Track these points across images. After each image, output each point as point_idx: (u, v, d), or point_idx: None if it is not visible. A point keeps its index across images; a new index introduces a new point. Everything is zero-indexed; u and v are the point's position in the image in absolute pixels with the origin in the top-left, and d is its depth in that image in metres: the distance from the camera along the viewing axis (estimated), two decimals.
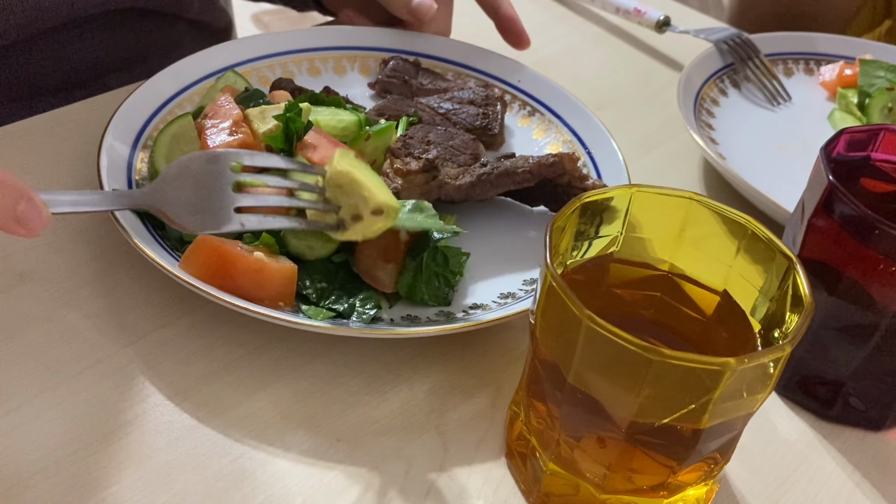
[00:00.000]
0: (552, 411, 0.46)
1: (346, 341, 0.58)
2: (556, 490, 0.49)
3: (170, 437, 0.51)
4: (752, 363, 0.39)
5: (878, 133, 0.56)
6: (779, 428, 0.57)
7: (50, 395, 0.52)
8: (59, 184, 0.67)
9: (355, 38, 0.83)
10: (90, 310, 0.58)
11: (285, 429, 0.53)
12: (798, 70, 0.94)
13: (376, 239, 0.57)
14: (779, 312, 0.45)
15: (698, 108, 0.84)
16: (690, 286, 0.50)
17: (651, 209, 0.49)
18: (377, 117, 0.73)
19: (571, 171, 0.66)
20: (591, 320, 0.40)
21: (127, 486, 0.48)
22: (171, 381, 0.54)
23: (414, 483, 0.51)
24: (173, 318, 0.58)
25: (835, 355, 0.55)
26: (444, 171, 0.66)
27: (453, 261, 0.60)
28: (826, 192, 0.51)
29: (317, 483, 0.50)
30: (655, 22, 0.97)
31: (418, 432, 0.54)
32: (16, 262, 0.61)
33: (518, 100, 0.80)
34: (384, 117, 0.74)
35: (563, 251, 0.48)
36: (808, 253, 0.53)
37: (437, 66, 0.83)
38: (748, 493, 0.53)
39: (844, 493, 0.54)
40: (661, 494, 0.47)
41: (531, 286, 0.62)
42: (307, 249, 0.60)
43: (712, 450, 0.45)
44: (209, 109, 0.66)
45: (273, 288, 0.56)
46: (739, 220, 0.47)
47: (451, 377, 0.57)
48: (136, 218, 0.60)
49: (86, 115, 0.75)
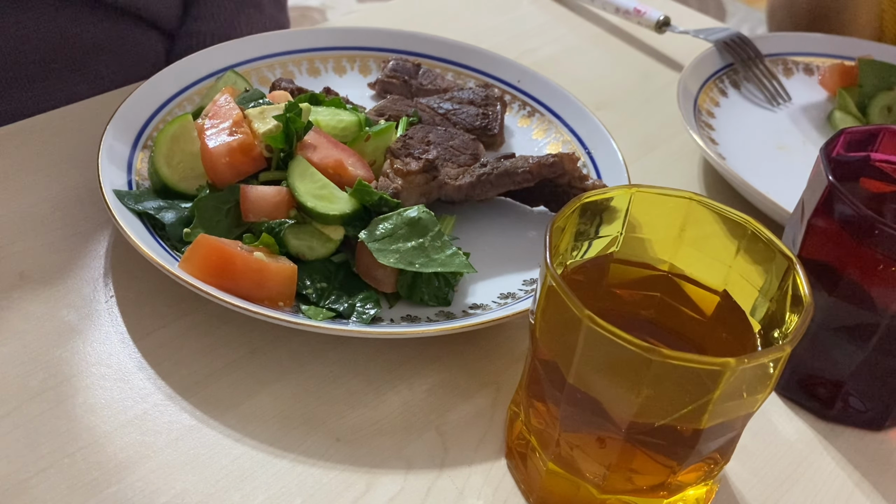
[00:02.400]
0: (552, 411, 0.46)
1: (346, 341, 0.58)
2: (556, 490, 0.49)
3: (170, 437, 0.51)
4: (752, 363, 0.39)
5: (878, 133, 0.56)
6: (779, 428, 0.57)
7: (50, 395, 0.52)
8: (59, 183, 0.67)
9: (355, 38, 0.84)
10: (90, 310, 0.58)
11: (285, 429, 0.53)
12: (798, 70, 0.94)
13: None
14: (779, 312, 0.45)
15: (698, 109, 0.84)
16: (690, 286, 0.50)
17: (651, 209, 0.49)
18: (377, 117, 0.73)
19: (571, 171, 0.66)
20: (591, 320, 0.40)
21: (127, 486, 0.48)
22: (171, 381, 0.54)
23: (414, 483, 0.51)
24: (173, 318, 0.58)
25: (835, 355, 0.55)
26: (444, 172, 0.66)
27: None
28: (826, 192, 0.51)
29: (317, 483, 0.50)
30: (655, 22, 0.97)
31: (418, 432, 0.54)
32: (16, 262, 0.61)
33: (518, 100, 0.80)
34: (384, 117, 0.74)
35: (563, 251, 0.48)
36: (808, 253, 0.53)
37: (437, 66, 0.83)
38: (748, 493, 0.53)
39: (844, 493, 0.54)
40: (661, 494, 0.47)
41: (531, 286, 0.62)
42: (307, 249, 0.60)
43: (712, 450, 0.45)
44: (209, 109, 0.66)
45: (273, 288, 0.56)
46: (739, 220, 0.47)
47: (451, 377, 0.57)
48: (136, 218, 0.60)
49: (86, 115, 0.75)
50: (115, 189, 0.61)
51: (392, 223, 0.59)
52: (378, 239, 0.58)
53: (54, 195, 0.66)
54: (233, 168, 0.62)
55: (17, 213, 0.64)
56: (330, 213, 0.60)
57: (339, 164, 0.63)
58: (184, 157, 0.64)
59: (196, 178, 0.64)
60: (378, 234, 0.58)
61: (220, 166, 0.62)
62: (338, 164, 0.63)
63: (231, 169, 0.62)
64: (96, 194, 0.64)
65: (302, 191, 0.61)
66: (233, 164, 0.62)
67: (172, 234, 0.60)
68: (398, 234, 0.58)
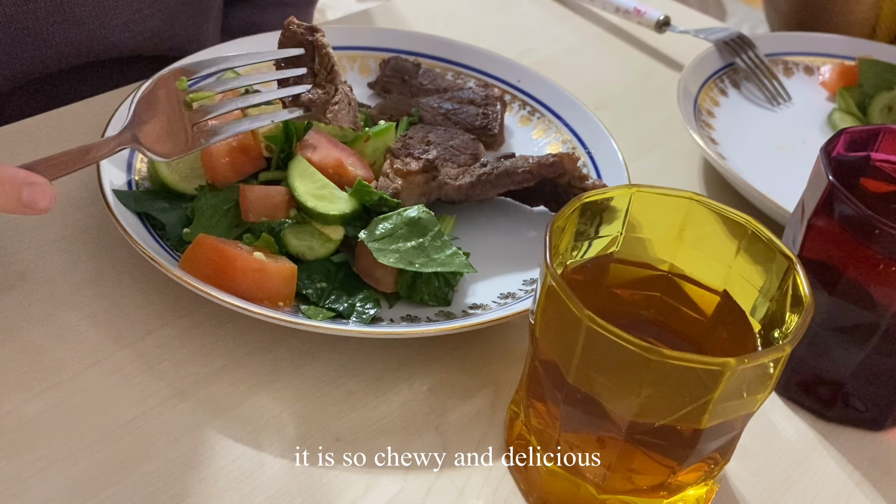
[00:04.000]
0: (552, 411, 0.46)
1: (345, 341, 0.58)
2: (556, 490, 0.49)
3: (170, 437, 0.51)
4: (752, 363, 0.39)
5: (878, 133, 0.56)
6: (779, 428, 0.57)
7: (50, 395, 0.52)
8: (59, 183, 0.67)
9: (355, 38, 0.83)
10: (90, 310, 0.58)
11: (285, 429, 0.53)
12: (798, 70, 0.94)
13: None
14: (779, 312, 0.45)
15: (698, 109, 0.84)
16: (690, 286, 0.50)
17: (651, 209, 0.49)
18: (380, 116, 0.73)
19: (571, 171, 0.66)
20: (591, 320, 0.40)
21: (127, 486, 0.48)
22: (171, 381, 0.54)
23: (414, 483, 0.51)
24: (173, 318, 0.58)
25: (835, 355, 0.55)
26: (444, 172, 0.66)
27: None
28: (826, 192, 0.51)
29: (317, 483, 0.50)
30: (655, 22, 0.97)
31: (418, 432, 0.53)
32: (16, 262, 0.61)
33: (518, 100, 0.80)
34: (385, 117, 0.74)
35: (563, 251, 0.48)
36: (808, 253, 0.53)
37: (437, 66, 0.83)
38: (748, 493, 0.53)
39: (844, 493, 0.54)
40: (661, 494, 0.47)
41: (531, 286, 0.62)
42: (307, 249, 0.60)
43: (712, 450, 0.45)
44: None
45: (273, 288, 0.56)
46: (739, 220, 0.47)
47: (451, 377, 0.57)
48: (136, 218, 0.60)
49: (86, 115, 0.75)
50: (115, 189, 0.61)
51: (392, 223, 0.59)
52: (378, 239, 0.58)
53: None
54: (233, 168, 0.62)
55: None
56: (330, 213, 0.60)
57: (339, 164, 0.63)
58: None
59: (196, 178, 0.64)
60: (378, 234, 0.58)
61: (219, 166, 0.62)
62: (338, 164, 0.63)
63: (231, 169, 0.62)
64: (96, 194, 0.64)
65: (302, 191, 0.61)
66: (233, 164, 0.62)
67: (172, 234, 0.60)
68: (398, 234, 0.58)
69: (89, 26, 0.79)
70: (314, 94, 0.62)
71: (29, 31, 0.76)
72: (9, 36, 0.75)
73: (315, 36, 0.64)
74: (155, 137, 0.57)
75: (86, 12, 0.78)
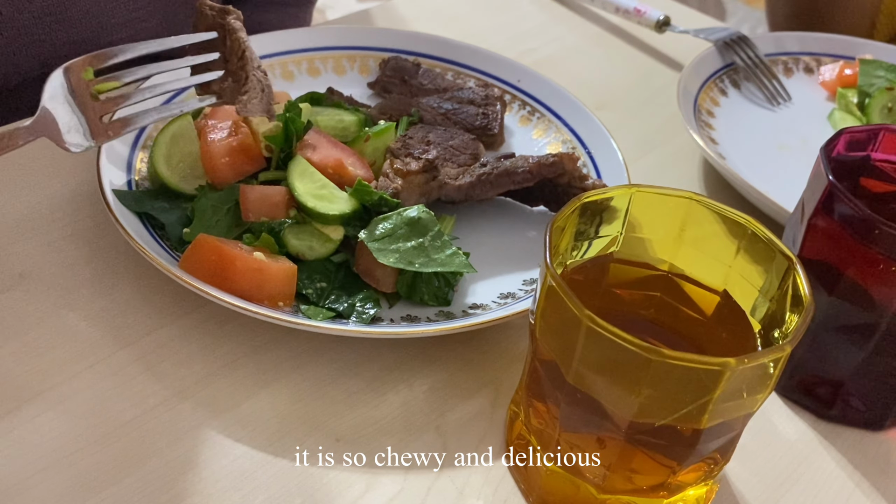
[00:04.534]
0: (552, 411, 0.46)
1: (345, 341, 0.58)
2: (556, 490, 0.49)
3: (170, 437, 0.51)
4: (752, 363, 0.39)
5: (878, 133, 0.56)
6: (779, 428, 0.57)
7: (50, 395, 0.52)
8: (59, 183, 0.67)
9: (355, 38, 0.83)
10: (90, 310, 0.58)
11: (285, 429, 0.53)
12: (798, 70, 0.94)
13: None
14: (779, 312, 0.45)
15: (698, 108, 0.84)
16: (690, 286, 0.50)
17: (651, 209, 0.49)
18: (380, 116, 0.73)
19: (571, 171, 0.66)
20: (591, 320, 0.40)
21: (127, 486, 0.48)
22: (171, 381, 0.54)
23: (414, 483, 0.51)
24: (173, 318, 0.58)
25: (835, 355, 0.55)
26: (444, 172, 0.66)
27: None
28: (826, 192, 0.51)
29: (317, 483, 0.50)
30: (655, 22, 0.97)
31: (418, 432, 0.53)
32: (16, 262, 0.61)
33: (518, 100, 0.80)
34: (385, 117, 0.74)
35: (563, 251, 0.48)
36: (808, 253, 0.53)
37: (437, 66, 0.83)
38: (748, 493, 0.53)
39: (844, 493, 0.54)
40: (661, 494, 0.47)
41: (531, 286, 0.62)
42: (307, 249, 0.60)
43: (712, 450, 0.45)
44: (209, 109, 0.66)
45: (273, 288, 0.56)
46: (739, 220, 0.47)
47: (451, 377, 0.57)
48: (136, 218, 0.60)
49: None
50: (115, 189, 0.61)
51: (392, 223, 0.59)
52: (378, 239, 0.58)
53: (54, 195, 0.66)
54: (233, 168, 0.62)
55: (17, 213, 0.64)
56: (330, 213, 0.60)
57: (339, 164, 0.63)
58: (183, 157, 0.64)
59: (196, 178, 0.64)
60: (378, 234, 0.58)
61: (219, 166, 0.62)
62: (337, 164, 0.63)
63: (231, 169, 0.62)
64: (96, 194, 0.64)
65: (302, 191, 0.61)
66: (233, 164, 0.62)
67: (172, 234, 0.60)
68: (398, 234, 0.58)
69: (87, 25, 0.79)
70: (226, 81, 0.60)
71: (27, 29, 0.76)
72: (7, 35, 0.75)
73: (226, 19, 0.61)
74: (64, 128, 0.56)
75: (83, 11, 0.78)
